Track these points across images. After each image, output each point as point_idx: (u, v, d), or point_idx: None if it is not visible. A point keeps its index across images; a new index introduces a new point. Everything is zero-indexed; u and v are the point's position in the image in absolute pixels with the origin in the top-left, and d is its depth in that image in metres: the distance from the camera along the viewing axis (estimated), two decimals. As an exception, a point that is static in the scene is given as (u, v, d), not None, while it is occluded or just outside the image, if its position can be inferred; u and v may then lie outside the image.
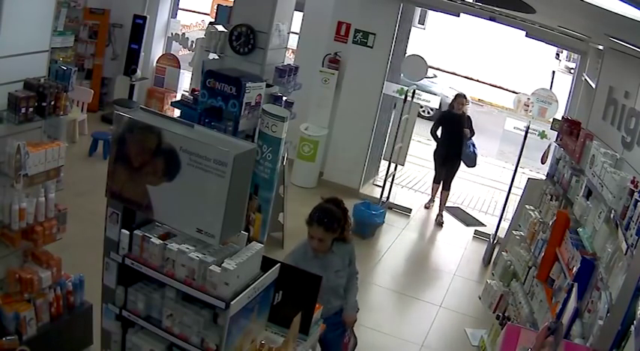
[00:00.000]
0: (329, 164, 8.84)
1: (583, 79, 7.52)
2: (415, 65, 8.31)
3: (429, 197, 9.02)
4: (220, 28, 5.48)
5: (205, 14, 13.63)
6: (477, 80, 20.70)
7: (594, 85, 6.30)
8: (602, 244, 3.95)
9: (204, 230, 2.84)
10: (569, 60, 20.58)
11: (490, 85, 20.44)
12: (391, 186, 8.62)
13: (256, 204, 4.72)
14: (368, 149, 8.77)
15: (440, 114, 8.41)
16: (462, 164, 8.46)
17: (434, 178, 8.75)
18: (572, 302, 3.74)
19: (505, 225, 7.56)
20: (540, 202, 5.87)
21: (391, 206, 8.57)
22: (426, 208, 8.91)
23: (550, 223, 4.98)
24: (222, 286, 2.74)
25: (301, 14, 8.77)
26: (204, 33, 5.79)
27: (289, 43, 5.60)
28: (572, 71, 11.93)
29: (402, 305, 6.37)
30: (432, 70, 14.53)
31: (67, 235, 4.22)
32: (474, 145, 8.28)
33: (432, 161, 8.69)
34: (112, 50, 9.86)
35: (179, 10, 10.86)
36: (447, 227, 8.40)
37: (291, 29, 5.48)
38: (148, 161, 2.94)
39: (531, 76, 19.92)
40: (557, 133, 6.18)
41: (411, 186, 9.85)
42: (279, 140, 4.54)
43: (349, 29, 8.55)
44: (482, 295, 5.92)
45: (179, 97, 7.78)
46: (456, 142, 8.18)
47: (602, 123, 5.45)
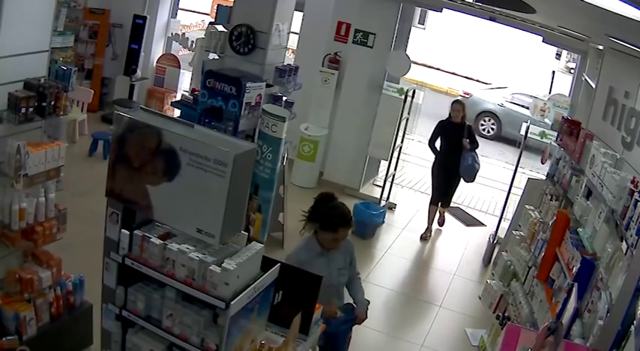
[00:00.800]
0: (329, 164, 8.84)
1: (583, 79, 7.52)
2: (399, 61, 8.32)
3: (425, 227, 7.96)
4: (220, 28, 5.48)
5: (205, 14, 13.61)
6: (477, 80, 20.68)
7: (594, 85, 6.31)
8: (602, 244, 3.95)
9: (204, 230, 2.84)
10: (569, 60, 20.57)
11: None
12: (391, 186, 8.62)
13: (256, 204, 4.72)
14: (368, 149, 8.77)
15: (437, 124, 7.68)
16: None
17: (431, 198, 7.90)
18: (572, 302, 3.74)
19: (505, 225, 7.55)
20: (540, 202, 5.87)
21: (391, 206, 8.58)
22: (423, 239, 7.89)
23: (550, 223, 4.98)
24: (222, 286, 2.74)
25: (301, 14, 8.77)
26: (204, 33, 5.79)
27: (289, 43, 5.60)
28: (572, 71, 11.93)
29: (402, 305, 6.37)
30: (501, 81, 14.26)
31: (67, 235, 4.22)
32: (474, 158, 7.45)
33: (430, 177, 7.96)
34: (112, 50, 9.86)
35: (179, 10, 10.84)
36: (447, 227, 8.40)
37: (291, 29, 5.48)
38: (148, 161, 2.94)
39: (531, 76, 19.93)
40: (557, 133, 6.18)
41: (411, 186, 9.85)
42: (279, 140, 4.54)
43: (349, 29, 8.55)
44: (483, 295, 5.93)
45: (179, 97, 7.78)
46: (456, 154, 7.45)
47: (602, 123, 5.46)
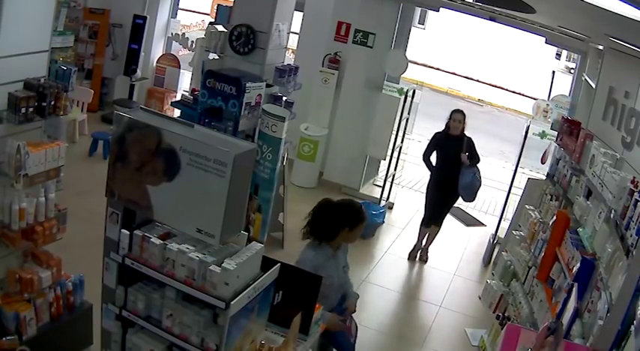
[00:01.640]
0: (329, 164, 8.84)
1: (583, 79, 7.52)
2: (396, 60, 8.32)
3: (413, 244, 7.31)
4: (220, 28, 5.47)
5: (205, 14, 13.60)
6: (477, 80, 20.70)
7: (594, 85, 6.31)
8: (602, 244, 3.95)
9: (204, 230, 2.84)
10: (569, 60, 20.57)
11: (490, 85, 20.44)
12: (391, 186, 8.62)
13: (256, 204, 4.72)
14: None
15: (433, 136, 6.91)
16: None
17: (423, 220, 7.16)
18: (572, 302, 3.75)
19: (505, 225, 7.55)
20: (540, 202, 5.87)
21: (390, 206, 8.58)
22: (410, 259, 7.23)
23: (550, 223, 4.98)
24: (222, 286, 2.74)
25: (301, 14, 8.77)
26: (204, 33, 5.78)
27: (289, 43, 5.60)
28: (572, 71, 11.93)
29: (402, 305, 6.37)
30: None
31: (67, 235, 4.22)
32: (475, 174, 6.67)
33: (424, 196, 7.16)
34: (112, 50, 9.86)
35: (179, 10, 10.84)
36: (447, 227, 8.38)
37: (291, 29, 5.48)
38: (148, 161, 2.94)
39: (531, 76, 19.94)
40: (557, 133, 6.19)
41: (411, 186, 9.85)
42: (279, 140, 4.54)
43: (349, 29, 8.55)
44: (483, 295, 5.93)
45: (179, 97, 7.77)
46: (454, 171, 6.69)
47: (602, 123, 5.45)
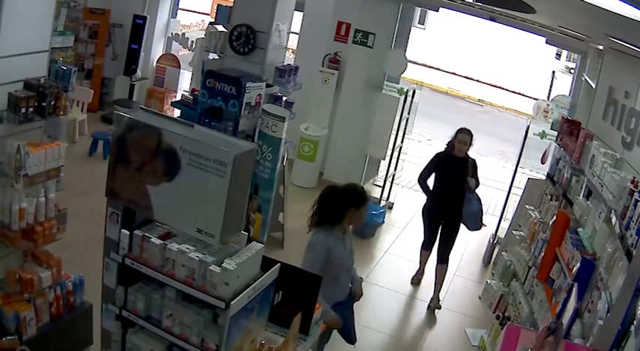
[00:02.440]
0: (329, 164, 8.84)
1: (583, 79, 7.53)
2: (396, 60, 8.32)
3: (416, 269, 6.71)
4: (220, 28, 5.47)
5: (205, 14, 13.61)
6: (477, 80, 20.70)
7: (594, 85, 6.31)
8: (602, 244, 3.95)
9: (204, 230, 2.84)
10: (569, 60, 20.58)
11: (490, 85, 20.45)
12: (391, 186, 8.62)
13: (256, 204, 4.72)
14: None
15: (434, 157, 6.20)
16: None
17: (423, 243, 6.49)
18: (572, 302, 3.74)
19: (505, 225, 7.56)
20: (540, 202, 5.87)
21: (390, 206, 8.58)
22: (414, 284, 6.66)
23: (550, 223, 4.98)
24: (222, 286, 2.74)
25: (301, 14, 8.77)
26: (204, 33, 5.79)
27: (289, 43, 5.60)
28: (572, 71, 11.93)
29: (402, 305, 6.37)
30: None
31: (67, 235, 4.22)
32: (479, 200, 6.08)
33: (421, 219, 6.44)
34: (112, 50, 9.86)
35: (179, 10, 10.85)
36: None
37: (291, 29, 5.48)
38: (147, 161, 2.94)
39: (531, 76, 19.94)
40: (557, 133, 6.19)
41: (411, 186, 9.85)
42: (279, 140, 4.54)
43: (349, 29, 8.55)
44: (483, 295, 5.92)
45: (179, 97, 7.78)
46: (456, 197, 5.97)
47: (602, 123, 5.45)
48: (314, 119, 8.71)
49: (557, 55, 21.58)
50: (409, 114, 8.49)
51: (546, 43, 8.01)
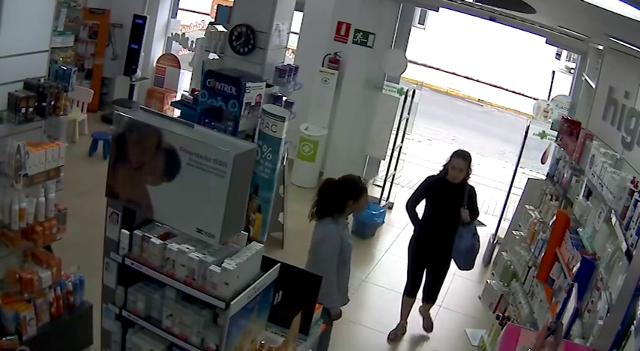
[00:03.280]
0: (329, 164, 8.84)
1: (583, 79, 7.53)
2: (395, 60, 8.32)
3: (396, 323, 5.59)
4: (220, 28, 5.47)
5: (205, 14, 13.62)
6: (477, 80, 20.70)
7: (594, 85, 6.31)
8: (602, 244, 3.95)
9: (204, 230, 2.85)
10: (569, 60, 20.59)
11: (490, 85, 20.45)
12: (391, 186, 8.62)
13: (256, 204, 4.72)
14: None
15: (425, 180, 5.37)
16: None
17: (406, 287, 5.52)
18: (572, 302, 3.74)
19: (505, 225, 7.55)
20: (540, 202, 5.87)
21: (390, 206, 8.58)
22: (391, 340, 5.49)
23: (550, 223, 4.98)
24: (222, 286, 2.74)
25: (301, 14, 8.77)
26: (204, 33, 5.78)
27: (289, 43, 5.60)
28: (572, 71, 11.94)
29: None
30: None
31: (67, 235, 4.22)
32: (475, 235, 5.23)
33: (407, 257, 5.50)
34: (112, 50, 9.86)
35: (179, 10, 10.85)
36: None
37: (291, 29, 5.48)
38: (148, 161, 2.94)
39: (531, 76, 19.94)
40: (557, 133, 6.19)
41: (411, 186, 9.84)
42: (279, 140, 4.54)
43: (349, 29, 8.55)
44: (483, 295, 5.93)
45: (179, 97, 7.77)
46: (447, 231, 5.16)
47: (602, 123, 5.45)
48: (314, 119, 8.70)
49: (557, 55, 21.61)
50: (409, 114, 8.48)
51: (546, 43, 8.01)
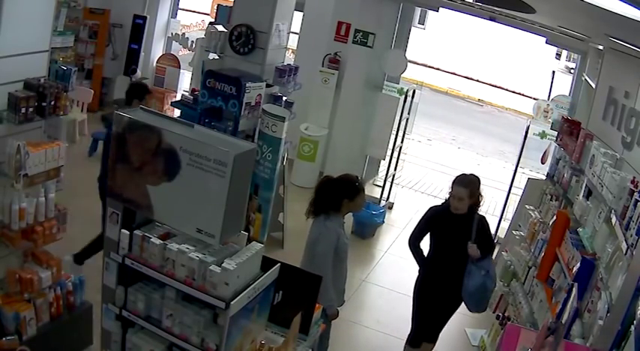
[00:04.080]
0: (329, 164, 8.83)
1: (583, 79, 7.53)
2: (395, 60, 8.31)
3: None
4: (220, 28, 5.47)
5: (205, 14, 13.63)
6: (477, 80, 20.70)
7: (594, 85, 6.31)
8: (602, 244, 3.96)
9: (204, 230, 2.84)
10: (569, 60, 20.59)
11: (490, 85, 20.45)
12: (391, 186, 8.62)
13: (256, 204, 4.71)
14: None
15: (428, 211, 4.65)
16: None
17: (409, 337, 4.83)
18: (572, 302, 3.74)
19: (505, 225, 7.55)
20: (540, 202, 5.87)
21: (390, 206, 8.58)
22: None
23: (550, 223, 4.98)
24: (222, 286, 2.74)
25: (301, 14, 8.78)
26: (204, 33, 5.78)
27: (289, 43, 5.60)
28: (572, 71, 11.95)
29: (402, 305, 6.34)
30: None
31: (67, 235, 4.22)
32: (490, 272, 4.44)
33: (412, 302, 4.75)
34: (112, 50, 9.87)
35: (179, 10, 10.86)
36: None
37: (291, 29, 5.48)
38: (148, 161, 2.93)
39: (531, 76, 19.95)
40: (557, 133, 6.19)
41: (411, 186, 9.85)
42: (279, 140, 4.53)
43: (349, 29, 8.55)
44: (483, 295, 5.92)
45: (179, 97, 7.77)
46: (455, 268, 4.42)
47: (602, 123, 5.45)
48: (314, 119, 8.70)
49: (557, 55, 21.61)
50: (409, 114, 8.48)
51: (546, 43, 8.01)
